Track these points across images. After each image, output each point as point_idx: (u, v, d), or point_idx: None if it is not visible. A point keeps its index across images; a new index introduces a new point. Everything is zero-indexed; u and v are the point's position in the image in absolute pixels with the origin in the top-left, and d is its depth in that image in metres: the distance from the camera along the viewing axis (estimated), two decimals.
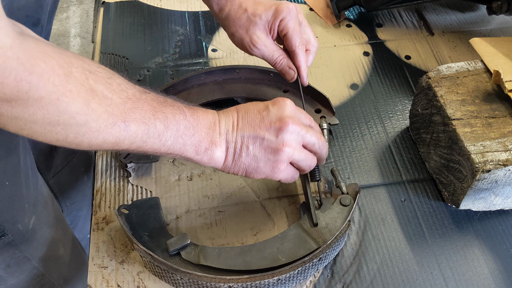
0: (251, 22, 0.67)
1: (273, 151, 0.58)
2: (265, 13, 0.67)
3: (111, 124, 0.49)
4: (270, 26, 0.67)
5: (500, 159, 0.63)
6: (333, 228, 0.64)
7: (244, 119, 0.58)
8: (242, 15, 0.68)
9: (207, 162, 0.58)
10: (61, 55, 0.45)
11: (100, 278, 0.64)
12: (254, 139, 0.57)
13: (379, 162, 0.78)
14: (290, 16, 0.67)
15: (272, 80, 0.84)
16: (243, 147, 0.58)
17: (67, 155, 1.04)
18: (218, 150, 0.57)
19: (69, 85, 0.45)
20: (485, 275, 0.66)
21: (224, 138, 0.57)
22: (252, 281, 0.59)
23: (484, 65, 0.75)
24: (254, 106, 0.60)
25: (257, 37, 0.68)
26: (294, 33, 0.67)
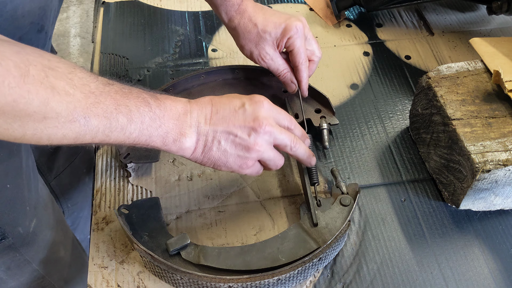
0: (260, 37, 0.71)
1: (244, 148, 0.58)
2: (275, 30, 0.71)
3: (70, 120, 0.48)
4: (278, 42, 0.72)
5: (500, 159, 0.63)
6: (333, 228, 0.64)
7: (218, 114, 0.58)
8: (252, 30, 0.71)
9: (175, 151, 0.57)
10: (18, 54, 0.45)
11: (100, 278, 0.64)
12: (227, 135, 0.58)
13: (379, 162, 0.78)
14: (297, 35, 0.70)
15: (272, 80, 0.84)
16: (215, 141, 0.58)
17: (69, 156, 1.04)
18: (187, 141, 0.56)
19: (26, 85, 0.45)
20: (485, 275, 0.66)
21: (195, 129, 0.57)
22: (252, 281, 0.59)
23: (484, 65, 0.75)
24: (229, 100, 0.59)
25: (265, 52, 0.72)
26: (299, 51, 0.71)
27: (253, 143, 0.58)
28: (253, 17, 0.71)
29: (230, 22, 0.73)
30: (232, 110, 0.58)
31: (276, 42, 0.72)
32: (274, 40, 0.71)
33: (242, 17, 0.72)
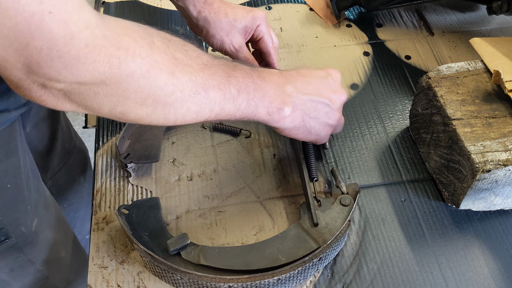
0: (232, 26, 0.74)
1: (330, 117, 0.65)
2: (244, 20, 0.74)
3: (194, 92, 0.50)
4: (247, 31, 0.75)
5: (500, 159, 0.63)
6: (333, 228, 0.64)
7: (310, 85, 0.62)
8: (223, 19, 0.74)
9: (276, 121, 0.60)
10: (140, 27, 0.46)
11: (100, 278, 0.64)
12: (318, 103, 0.63)
13: (379, 162, 0.78)
14: (264, 23, 0.76)
15: None
16: (311, 110, 0.62)
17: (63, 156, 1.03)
18: (288, 109, 0.59)
19: (154, 55, 0.46)
20: (485, 275, 0.66)
21: (293, 99, 0.60)
22: (252, 281, 0.59)
23: (484, 65, 0.75)
24: (315, 72, 0.65)
25: (237, 40, 0.75)
26: (268, 36, 0.77)
27: (338, 110, 0.66)
28: (222, 7, 0.74)
29: (200, 14, 0.74)
30: (320, 80, 0.64)
31: (246, 30, 0.75)
32: (244, 28, 0.75)
33: (212, 7, 0.74)
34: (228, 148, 0.79)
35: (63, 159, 1.04)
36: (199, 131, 0.81)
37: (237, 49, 0.76)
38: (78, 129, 1.17)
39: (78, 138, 1.12)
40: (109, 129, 0.81)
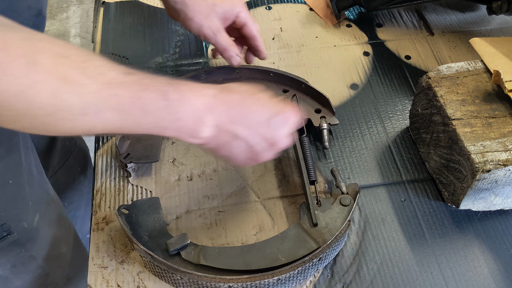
0: (211, 10, 0.72)
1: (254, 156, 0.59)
2: (223, 4, 0.72)
3: (82, 113, 0.46)
4: (226, 16, 0.73)
5: (500, 159, 0.63)
6: (333, 228, 0.64)
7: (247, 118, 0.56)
8: (202, 3, 0.72)
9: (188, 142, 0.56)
10: (25, 41, 0.43)
11: (100, 278, 0.64)
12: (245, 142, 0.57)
13: (379, 162, 0.78)
14: (244, 9, 0.75)
15: (272, 80, 0.84)
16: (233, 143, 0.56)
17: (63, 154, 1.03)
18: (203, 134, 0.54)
19: (34, 75, 0.42)
20: (485, 275, 0.66)
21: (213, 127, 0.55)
22: (252, 281, 0.59)
23: (484, 65, 0.75)
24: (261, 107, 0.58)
25: (216, 24, 0.73)
26: (250, 23, 0.77)
27: (265, 156, 0.59)
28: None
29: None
30: (260, 118, 0.57)
31: (225, 16, 0.73)
32: (223, 14, 0.73)
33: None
34: None
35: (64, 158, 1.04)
36: None
37: (215, 33, 0.74)
38: None
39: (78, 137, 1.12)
40: None
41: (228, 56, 0.77)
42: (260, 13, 1.03)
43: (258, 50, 0.81)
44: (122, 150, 0.75)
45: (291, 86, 0.83)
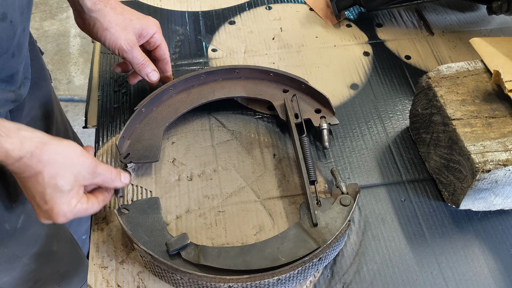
0: (128, 23, 0.72)
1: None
2: (140, 21, 0.73)
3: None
4: (142, 34, 0.74)
5: (500, 159, 0.63)
6: (333, 228, 0.64)
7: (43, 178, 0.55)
8: (119, 15, 0.72)
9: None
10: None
11: (100, 278, 0.64)
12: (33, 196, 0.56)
13: (379, 162, 0.78)
14: (159, 31, 0.76)
15: (272, 80, 0.84)
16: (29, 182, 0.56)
17: None
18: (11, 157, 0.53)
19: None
20: (485, 275, 0.66)
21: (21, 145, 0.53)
22: (252, 281, 0.59)
23: (484, 65, 0.75)
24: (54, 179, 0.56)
25: (132, 38, 0.73)
26: (164, 45, 0.78)
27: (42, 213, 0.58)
28: (118, 6, 0.73)
29: (95, 5, 0.71)
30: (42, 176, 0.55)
31: (141, 33, 0.73)
32: (140, 30, 0.73)
33: (108, 2, 0.72)
34: (228, 148, 0.79)
35: None
36: (199, 131, 0.81)
37: (132, 46, 0.73)
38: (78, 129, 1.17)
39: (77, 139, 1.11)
40: (109, 129, 0.81)
41: (146, 73, 0.77)
42: (260, 13, 1.03)
43: (167, 75, 0.82)
44: (122, 150, 0.75)
45: (291, 86, 0.83)
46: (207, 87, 0.83)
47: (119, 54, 0.74)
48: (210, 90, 0.82)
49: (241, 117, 0.83)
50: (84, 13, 0.72)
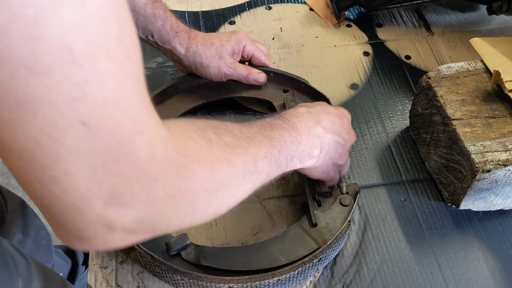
0: (221, 51, 0.76)
1: (341, 157, 0.63)
2: (230, 42, 0.77)
3: (249, 172, 0.48)
4: (235, 51, 0.78)
5: (500, 159, 0.63)
6: (333, 228, 0.64)
7: (334, 125, 0.61)
8: (211, 47, 0.76)
9: (308, 168, 0.59)
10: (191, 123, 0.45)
11: (100, 278, 0.64)
12: (337, 144, 0.61)
13: (379, 162, 0.78)
14: (248, 41, 0.79)
15: (272, 80, 0.84)
16: (331, 149, 0.60)
17: None
18: (316, 151, 0.58)
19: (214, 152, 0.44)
20: (485, 275, 0.66)
21: (320, 141, 0.59)
22: (252, 281, 0.59)
23: (484, 65, 0.75)
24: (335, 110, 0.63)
25: (230, 60, 0.77)
26: (257, 52, 0.81)
27: (348, 152, 0.65)
28: (207, 38, 0.77)
29: (188, 50, 0.76)
30: (340, 120, 0.62)
31: (234, 52, 0.78)
32: (232, 50, 0.77)
33: (197, 40, 0.76)
34: None
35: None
36: None
37: (234, 68, 0.77)
38: None
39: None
40: None
41: (253, 79, 0.80)
42: (260, 13, 1.03)
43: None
44: None
45: (291, 86, 0.83)
46: (207, 87, 0.83)
47: (226, 79, 0.80)
48: (210, 90, 0.82)
49: (241, 117, 0.83)
50: (182, 60, 0.77)
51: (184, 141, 0.41)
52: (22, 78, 0.28)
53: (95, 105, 0.31)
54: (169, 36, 0.74)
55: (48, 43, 0.28)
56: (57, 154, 0.31)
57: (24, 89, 0.29)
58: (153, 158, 0.36)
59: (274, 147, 0.52)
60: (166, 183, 0.37)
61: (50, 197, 0.34)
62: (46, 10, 0.28)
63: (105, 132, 0.32)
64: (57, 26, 0.28)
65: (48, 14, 0.28)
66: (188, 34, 0.75)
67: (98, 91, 0.31)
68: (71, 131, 0.31)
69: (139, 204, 0.36)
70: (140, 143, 0.34)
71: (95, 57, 0.30)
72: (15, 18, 0.27)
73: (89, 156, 0.32)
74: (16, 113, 0.29)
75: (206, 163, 0.42)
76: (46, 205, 0.35)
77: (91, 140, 0.32)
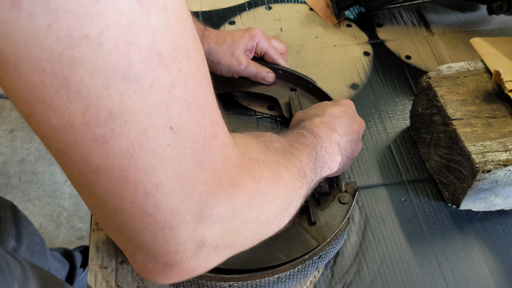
0: (233, 48, 0.77)
1: (356, 150, 0.65)
2: (243, 39, 0.78)
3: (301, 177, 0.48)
4: (248, 48, 0.79)
5: (500, 159, 0.63)
6: (332, 225, 0.64)
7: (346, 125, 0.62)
8: (223, 45, 0.77)
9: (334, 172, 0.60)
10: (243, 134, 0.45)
11: (100, 278, 0.64)
12: (352, 141, 0.63)
13: (379, 162, 0.78)
14: (262, 39, 0.80)
15: (281, 78, 0.83)
16: (348, 150, 0.62)
17: None
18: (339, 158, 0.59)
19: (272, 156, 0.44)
20: (485, 275, 0.66)
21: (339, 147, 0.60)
22: (252, 279, 0.59)
23: (485, 65, 0.75)
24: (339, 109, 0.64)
25: (242, 58, 0.78)
26: (270, 50, 0.81)
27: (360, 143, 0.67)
28: (220, 35, 0.78)
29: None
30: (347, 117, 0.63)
31: (247, 49, 0.78)
32: (245, 47, 0.78)
33: (210, 39, 0.77)
34: None
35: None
36: None
37: (246, 65, 0.78)
38: None
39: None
40: None
41: (261, 78, 0.81)
42: (260, 13, 1.03)
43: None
44: None
45: (299, 85, 0.83)
46: (215, 81, 0.82)
47: (237, 76, 0.80)
48: (217, 83, 0.82)
49: (241, 117, 0.83)
50: None
51: (246, 147, 0.41)
52: (115, 87, 0.28)
53: (181, 108, 0.31)
54: None
55: (139, 49, 0.28)
56: (149, 165, 0.30)
57: (117, 99, 0.28)
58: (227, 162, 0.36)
59: (311, 154, 0.53)
60: (244, 187, 0.37)
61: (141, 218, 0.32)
62: (138, 17, 0.27)
63: (190, 136, 0.32)
64: (147, 31, 0.28)
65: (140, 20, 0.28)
66: (202, 33, 0.76)
67: (183, 93, 0.31)
68: (161, 139, 0.30)
69: (225, 212, 0.35)
70: (216, 146, 0.34)
71: (179, 60, 0.30)
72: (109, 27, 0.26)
73: (178, 164, 0.31)
74: (108, 126, 0.28)
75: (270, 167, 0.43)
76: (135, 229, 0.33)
77: (179, 145, 0.31)
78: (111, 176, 0.30)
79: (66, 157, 0.30)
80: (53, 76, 0.27)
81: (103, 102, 0.28)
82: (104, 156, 0.29)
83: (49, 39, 0.26)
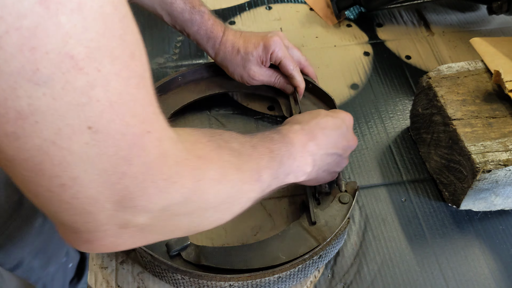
0: (245, 60, 0.77)
1: (339, 165, 0.64)
2: (256, 50, 0.76)
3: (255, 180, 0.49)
4: (261, 59, 0.77)
5: (500, 159, 0.63)
6: (332, 225, 0.64)
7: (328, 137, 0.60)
8: (237, 56, 0.77)
9: (301, 181, 0.59)
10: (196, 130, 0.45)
11: (100, 278, 0.64)
12: (333, 155, 0.61)
13: (380, 162, 0.77)
14: (278, 48, 0.76)
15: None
16: (325, 163, 0.61)
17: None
18: (309, 168, 0.58)
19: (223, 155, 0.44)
20: (485, 275, 0.66)
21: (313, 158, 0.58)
22: (252, 279, 0.59)
23: (485, 65, 0.75)
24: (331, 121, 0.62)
25: (253, 71, 0.77)
26: (286, 60, 0.77)
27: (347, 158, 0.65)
28: (235, 44, 0.77)
29: (217, 55, 0.78)
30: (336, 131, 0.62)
31: (260, 59, 0.77)
32: (258, 58, 0.77)
33: (226, 47, 0.77)
34: None
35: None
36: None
37: (256, 78, 0.78)
38: None
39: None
40: None
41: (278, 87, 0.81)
42: (260, 13, 1.03)
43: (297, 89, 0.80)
44: None
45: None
46: (216, 80, 0.83)
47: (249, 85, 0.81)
48: (218, 83, 0.82)
49: (241, 117, 0.83)
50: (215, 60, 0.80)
51: (193, 144, 0.41)
52: (22, 90, 0.28)
53: (101, 109, 0.30)
54: (203, 41, 0.77)
55: (47, 53, 0.27)
56: (65, 161, 0.31)
57: (25, 101, 0.28)
58: (165, 159, 0.36)
59: (274, 159, 0.52)
60: (182, 185, 0.38)
61: (59, 203, 0.33)
62: (42, 20, 0.27)
63: (114, 135, 0.32)
64: (56, 34, 0.27)
65: (46, 23, 0.27)
66: (220, 39, 0.76)
67: (103, 94, 0.30)
68: (78, 138, 0.30)
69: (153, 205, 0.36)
70: (150, 143, 0.34)
71: (98, 61, 0.30)
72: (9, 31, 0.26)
73: (99, 160, 0.32)
74: (19, 125, 0.29)
75: (217, 166, 0.43)
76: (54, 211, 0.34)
77: (100, 144, 0.31)
78: (25, 167, 0.31)
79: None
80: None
81: (11, 103, 0.28)
82: (17, 150, 0.30)
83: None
